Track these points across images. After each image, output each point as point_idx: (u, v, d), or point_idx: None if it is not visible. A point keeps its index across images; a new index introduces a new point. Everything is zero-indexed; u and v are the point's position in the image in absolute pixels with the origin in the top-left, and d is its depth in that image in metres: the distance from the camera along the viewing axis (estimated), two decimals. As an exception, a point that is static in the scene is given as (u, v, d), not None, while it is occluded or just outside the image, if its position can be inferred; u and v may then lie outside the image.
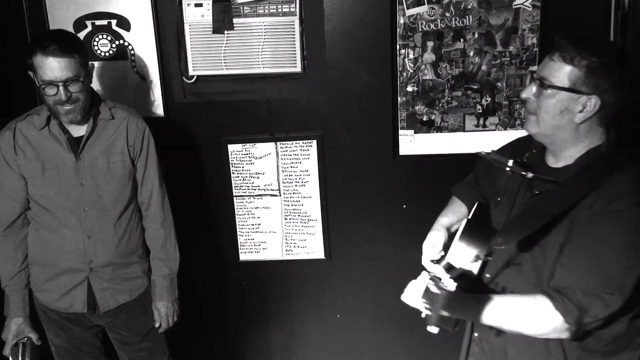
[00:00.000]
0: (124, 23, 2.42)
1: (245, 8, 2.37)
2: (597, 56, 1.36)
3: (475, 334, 1.64)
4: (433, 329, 1.36)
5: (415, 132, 2.48)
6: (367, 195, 2.58)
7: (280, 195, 2.60)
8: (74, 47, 1.86)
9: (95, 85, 2.36)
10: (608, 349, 1.43)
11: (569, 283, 1.32)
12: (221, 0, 2.35)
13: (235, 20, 2.37)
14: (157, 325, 2.17)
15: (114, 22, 2.41)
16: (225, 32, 2.38)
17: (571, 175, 1.44)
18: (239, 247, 2.67)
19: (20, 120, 2.01)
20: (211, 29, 2.38)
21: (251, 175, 2.59)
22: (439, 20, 2.36)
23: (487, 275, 1.57)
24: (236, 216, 2.63)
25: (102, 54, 2.46)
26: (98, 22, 2.42)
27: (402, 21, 2.37)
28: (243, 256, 2.69)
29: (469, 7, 2.33)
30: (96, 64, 2.38)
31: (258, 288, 2.74)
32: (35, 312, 2.13)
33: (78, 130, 2.00)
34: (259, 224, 2.64)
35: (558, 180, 1.45)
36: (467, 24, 2.35)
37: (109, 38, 2.44)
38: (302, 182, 2.58)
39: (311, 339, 2.79)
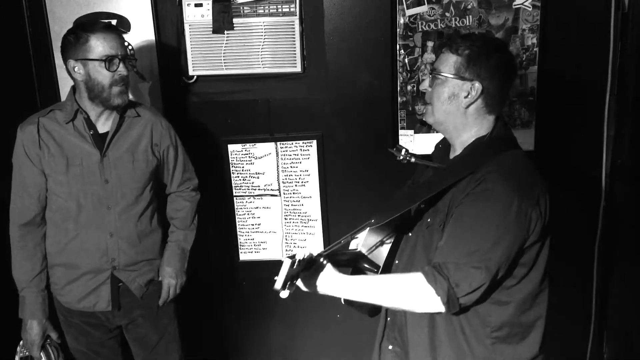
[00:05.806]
0: (124, 23, 2.42)
1: (245, 8, 2.37)
2: (476, 45, 1.50)
3: (389, 319, 1.71)
4: (283, 294, 1.42)
5: (415, 132, 2.48)
6: (367, 195, 2.58)
7: (280, 195, 2.60)
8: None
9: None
10: (500, 336, 1.49)
11: (443, 259, 1.41)
12: (221, 0, 2.36)
13: (235, 20, 2.37)
14: (160, 301, 2.12)
15: (114, 22, 2.40)
16: (225, 32, 2.38)
17: (454, 161, 1.57)
18: (239, 247, 2.67)
19: (42, 115, 1.96)
20: (211, 29, 2.38)
21: (251, 175, 2.59)
22: (439, 20, 2.36)
23: (397, 262, 1.66)
24: (236, 216, 2.63)
25: (102, 54, 2.46)
26: (98, 22, 2.42)
27: (402, 21, 2.37)
28: (243, 256, 2.69)
29: (469, 7, 2.33)
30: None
31: (258, 288, 2.73)
32: (54, 314, 2.08)
33: (103, 127, 1.96)
34: (259, 224, 2.64)
35: (440, 166, 1.61)
36: (467, 24, 2.35)
37: (109, 38, 2.44)
38: (302, 182, 2.58)
39: (311, 339, 2.79)
